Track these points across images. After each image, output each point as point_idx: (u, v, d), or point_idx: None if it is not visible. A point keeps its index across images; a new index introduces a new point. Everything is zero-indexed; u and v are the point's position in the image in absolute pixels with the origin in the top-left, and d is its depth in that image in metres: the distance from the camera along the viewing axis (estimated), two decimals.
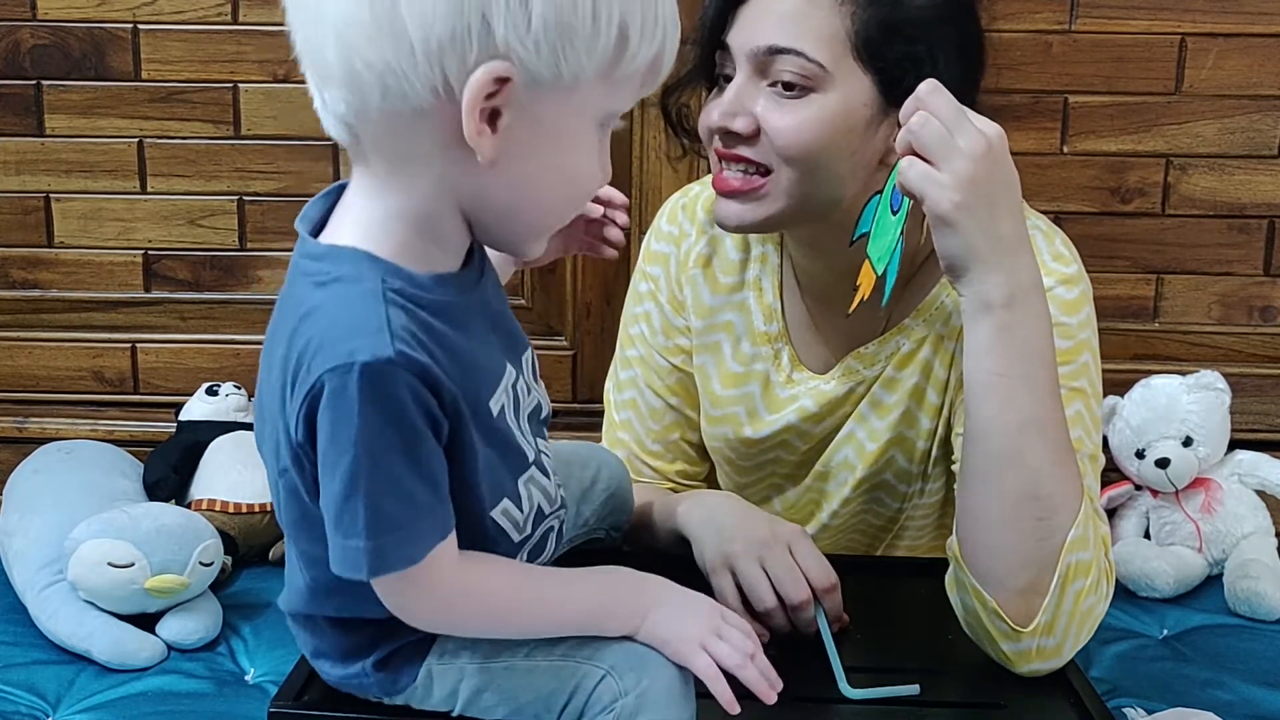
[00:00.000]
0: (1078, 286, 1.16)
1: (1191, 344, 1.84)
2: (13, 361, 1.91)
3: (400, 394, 0.78)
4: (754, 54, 1.11)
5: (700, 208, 1.32)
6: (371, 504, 0.79)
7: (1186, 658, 1.47)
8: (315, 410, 0.79)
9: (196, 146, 1.84)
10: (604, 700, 0.88)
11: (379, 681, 0.92)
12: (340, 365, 0.78)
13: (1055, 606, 1.01)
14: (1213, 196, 1.80)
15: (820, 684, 1.01)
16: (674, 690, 0.89)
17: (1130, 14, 1.75)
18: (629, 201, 1.11)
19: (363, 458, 0.78)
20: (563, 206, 0.88)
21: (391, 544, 0.80)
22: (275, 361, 0.83)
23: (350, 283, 0.81)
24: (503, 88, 0.78)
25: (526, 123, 0.80)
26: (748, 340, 1.29)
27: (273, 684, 1.34)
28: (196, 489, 1.68)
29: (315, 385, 0.79)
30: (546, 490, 0.94)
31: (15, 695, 1.33)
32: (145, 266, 1.88)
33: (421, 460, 0.80)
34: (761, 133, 1.12)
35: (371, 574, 0.81)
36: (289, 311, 0.83)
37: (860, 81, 1.11)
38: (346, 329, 0.79)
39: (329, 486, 0.80)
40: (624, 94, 0.84)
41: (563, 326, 1.87)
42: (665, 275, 1.33)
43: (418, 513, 0.81)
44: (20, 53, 1.82)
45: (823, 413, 1.26)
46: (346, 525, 0.80)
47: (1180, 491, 1.69)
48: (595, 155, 0.86)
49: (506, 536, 0.91)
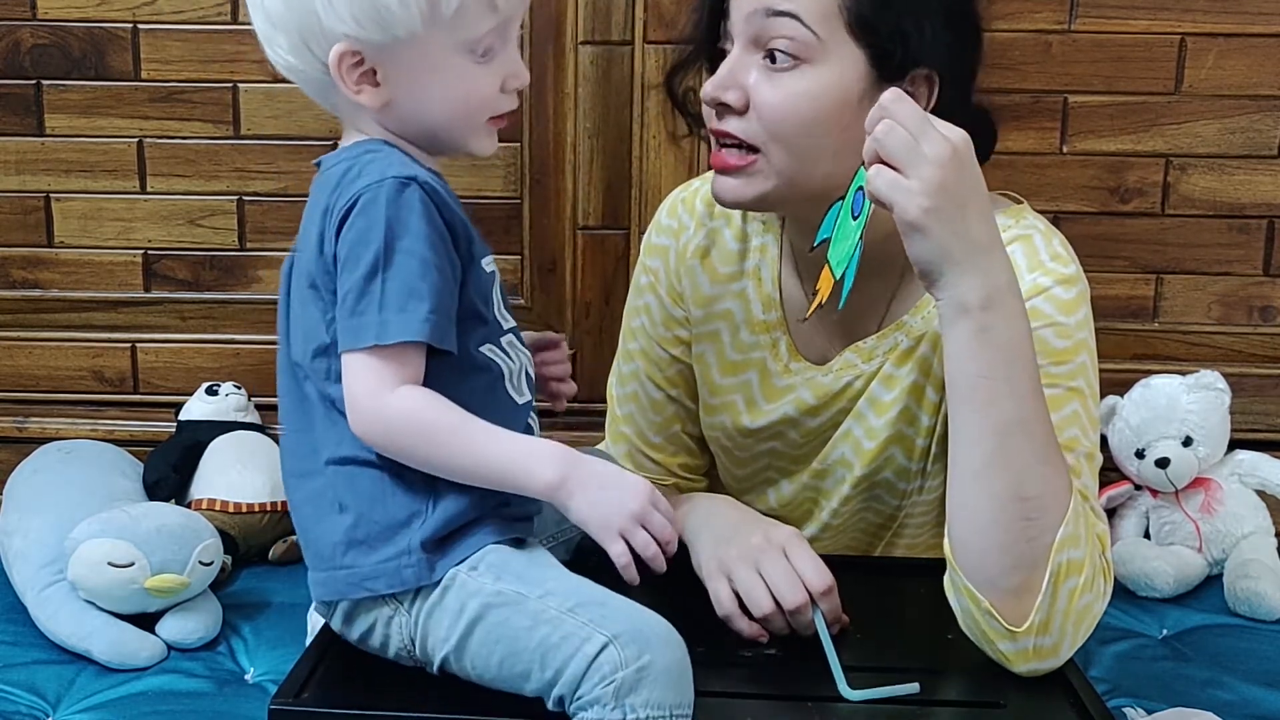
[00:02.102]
0: (1075, 287, 1.16)
1: (1191, 344, 1.84)
2: (13, 361, 1.91)
3: (425, 205, 0.94)
4: (752, 15, 1.11)
5: (699, 201, 1.32)
6: (388, 286, 0.93)
7: (1186, 658, 1.47)
8: (346, 219, 0.94)
9: (196, 146, 1.84)
10: (604, 670, 0.89)
11: (416, 564, 0.96)
12: (374, 182, 0.94)
13: (1049, 605, 1.01)
14: (1212, 196, 1.80)
15: (821, 685, 1.01)
16: (674, 671, 0.90)
17: (1130, 14, 1.75)
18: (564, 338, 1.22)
19: (387, 249, 0.93)
20: (472, 114, 1.02)
21: (397, 320, 0.92)
22: (317, 214, 0.97)
23: (375, 151, 0.99)
24: (359, 57, 0.97)
25: (397, 70, 0.98)
26: (746, 329, 1.29)
27: (273, 683, 1.35)
28: (196, 489, 1.68)
29: (351, 199, 0.94)
30: (526, 367, 1.05)
31: (15, 695, 1.33)
32: (145, 266, 1.88)
33: (435, 266, 0.94)
34: (750, 107, 1.12)
35: (376, 338, 0.92)
36: (326, 182, 0.99)
37: (853, 55, 1.10)
38: (379, 165, 0.96)
39: (350, 276, 0.94)
40: (470, 25, 0.98)
41: (563, 326, 1.87)
42: (664, 267, 1.34)
43: (425, 304, 0.93)
44: (20, 53, 1.82)
45: (819, 405, 1.26)
46: (363, 305, 0.93)
47: (1180, 491, 1.69)
48: (479, 76, 1.00)
49: (504, 385, 1.01)
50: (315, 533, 1.00)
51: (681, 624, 0.94)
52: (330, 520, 0.99)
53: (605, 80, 1.79)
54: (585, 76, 1.78)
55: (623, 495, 0.96)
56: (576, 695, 0.90)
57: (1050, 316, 1.13)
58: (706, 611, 1.11)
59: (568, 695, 0.91)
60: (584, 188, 1.82)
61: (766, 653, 1.08)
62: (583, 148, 1.81)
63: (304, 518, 1.02)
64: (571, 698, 0.91)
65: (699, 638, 0.96)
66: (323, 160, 1.04)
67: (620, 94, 1.79)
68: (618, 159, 1.81)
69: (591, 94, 1.79)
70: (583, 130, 1.80)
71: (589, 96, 1.79)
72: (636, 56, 1.77)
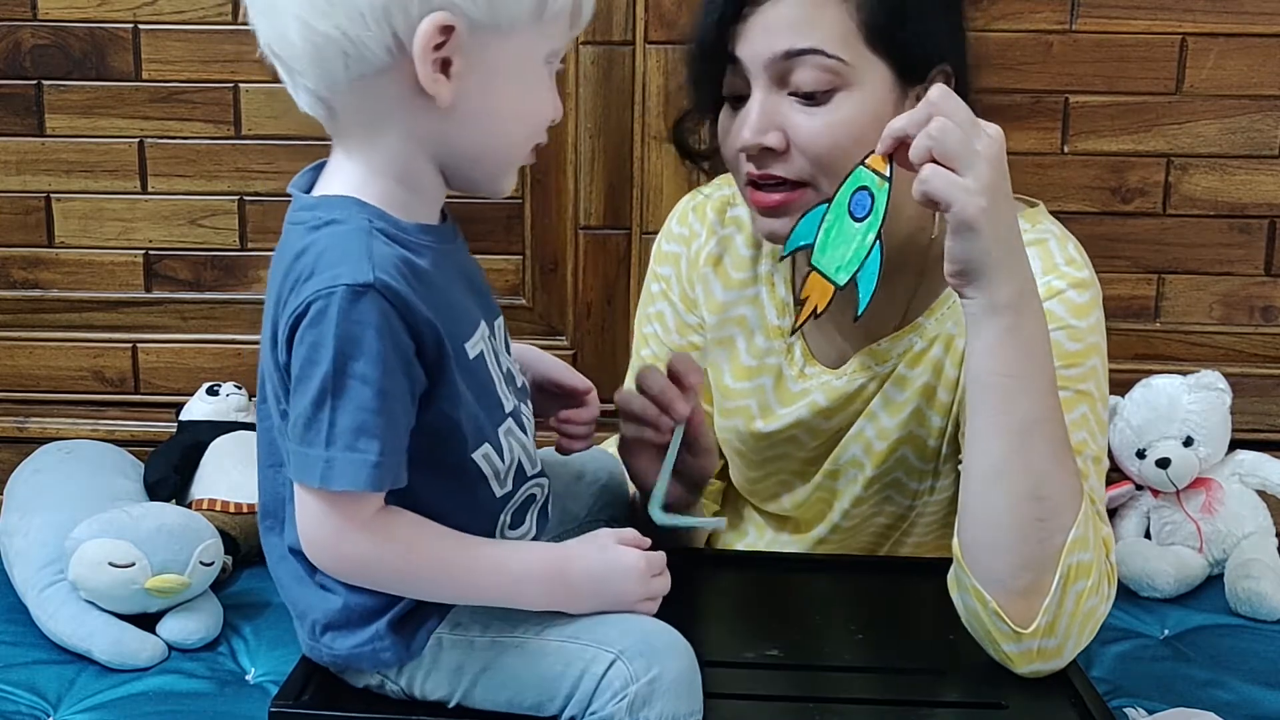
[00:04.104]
0: (1089, 291, 1.16)
1: (1192, 344, 1.84)
2: (13, 361, 1.91)
3: (378, 320, 0.84)
4: (771, 61, 1.10)
5: (710, 209, 1.33)
6: (337, 418, 0.84)
7: (1187, 658, 1.47)
8: (297, 329, 0.85)
9: (197, 146, 1.84)
10: (615, 686, 0.89)
11: (392, 646, 0.93)
12: (325, 289, 0.84)
13: (1057, 607, 1.01)
14: (1213, 196, 1.80)
15: (821, 686, 1.02)
16: (685, 679, 0.90)
17: (1131, 14, 1.75)
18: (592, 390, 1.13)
19: (335, 376, 0.84)
20: (524, 140, 0.94)
21: (344, 462, 0.84)
22: (271, 299, 0.89)
23: (340, 223, 0.87)
24: (449, 36, 0.85)
25: (477, 66, 0.88)
26: (761, 334, 1.29)
27: (273, 684, 1.34)
28: (197, 489, 1.68)
29: (300, 306, 0.84)
30: (526, 448, 0.96)
31: (16, 695, 1.33)
32: (146, 266, 1.88)
33: (388, 394, 0.85)
34: (791, 146, 1.11)
35: (321, 482, 0.85)
36: (285, 253, 0.89)
37: (878, 69, 1.11)
38: (334, 260, 0.85)
39: (300, 401, 0.85)
40: (558, 34, 0.92)
41: (563, 326, 1.87)
42: (676, 274, 1.34)
43: (376, 444, 0.84)
44: (21, 53, 1.82)
45: (833, 408, 1.26)
46: (311, 436, 0.85)
47: (1181, 491, 1.69)
48: (547, 91, 0.93)
49: (488, 485, 0.93)
50: (293, 594, 0.97)
51: (682, 624, 0.94)
52: (306, 591, 0.95)
53: (606, 80, 1.79)
54: (586, 77, 1.78)
55: (621, 585, 0.93)
56: (589, 712, 0.90)
57: (1063, 319, 1.13)
58: (707, 611, 1.11)
59: (579, 714, 0.90)
60: (585, 188, 1.82)
61: (768, 654, 1.08)
62: (584, 148, 1.81)
63: (281, 575, 0.98)
64: (583, 716, 0.90)
65: (701, 639, 0.96)
66: (293, 194, 0.94)
67: (621, 94, 1.79)
68: (619, 159, 1.81)
69: (593, 94, 1.79)
70: (584, 130, 1.80)
71: (590, 97, 1.79)
72: (638, 57, 1.77)
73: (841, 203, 1.02)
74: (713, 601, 1.18)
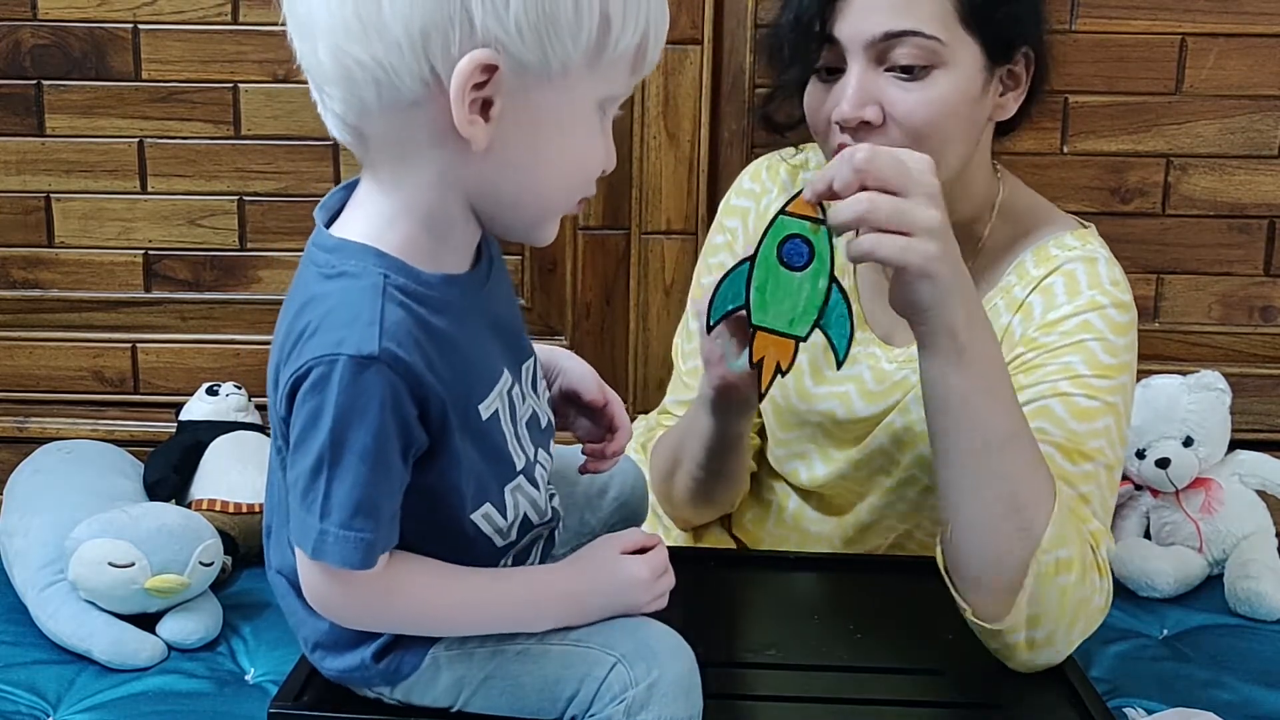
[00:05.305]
0: (1128, 314, 1.20)
1: (1192, 344, 1.84)
2: (13, 361, 1.90)
3: (381, 393, 0.80)
4: (870, 42, 1.13)
5: (783, 170, 1.38)
6: (333, 490, 0.82)
7: (1187, 657, 1.47)
8: (297, 391, 0.82)
9: (197, 146, 1.84)
10: (614, 689, 0.89)
11: (380, 672, 0.92)
12: (327, 354, 0.80)
13: (1037, 601, 1.02)
14: (1213, 196, 1.80)
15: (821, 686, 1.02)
16: (683, 683, 0.90)
17: (1130, 14, 1.75)
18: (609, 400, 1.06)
19: (333, 447, 0.81)
20: (568, 191, 0.87)
21: (338, 540, 0.82)
22: (277, 342, 0.87)
23: (354, 277, 0.83)
24: (491, 76, 0.79)
25: (522, 110, 0.81)
26: None
27: (273, 684, 1.34)
28: (197, 489, 1.68)
29: (301, 369, 0.81)
30: (535, 501, 0.94)
31: (15, 695, 1.33)
32: (145, 266, 1.88)
33: (386, 465, 0.82)
34: (888, 120, 1.14)
35: (314, 556, 0.84)
36: (296, 297, 0.86)
37: (971, 49, 1.15)
38: (341, 320, 0.81)
39: (299, 462, 0.83)
40: (616, 79, 0.84)
41: (563, 326, 1.87)
42: (743, 227, 1.38)
43: (370, 522, 0.83)
44: (20, 53, 1.82)
45: (876, 392, 1.29)
46: (308, 503, 0.83)
47: (1181, 491, 1.69)
48: (598, 139, 0.86)
49: (487, 540, 0.91)
50: (286, 606, 0.98)
51: (682, 625, 0.94)
52: (295, 607, 0.95)
53: None
54: None
55: (630, 597, 0.93)
56: (589, 715, 0.90)
57: (1101, 332, 1.16)
58: (707, 611, 1.11)
59: (580, 716, 0.90)
60: None
61: (768, 654, 1.08)
62: None
63: (275, 585, 0.98)
64: (583, 718, 0.90)
65: (701, 639, 0.96)
66: (317, 221, 0.88)
67: None
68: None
69: None
70: None
71: None
72: None
73: (768, 257, 1.00)
74: (713, 601, 1.18)
